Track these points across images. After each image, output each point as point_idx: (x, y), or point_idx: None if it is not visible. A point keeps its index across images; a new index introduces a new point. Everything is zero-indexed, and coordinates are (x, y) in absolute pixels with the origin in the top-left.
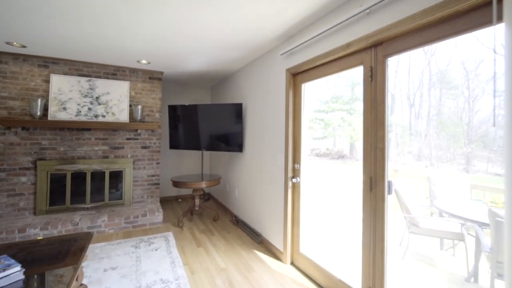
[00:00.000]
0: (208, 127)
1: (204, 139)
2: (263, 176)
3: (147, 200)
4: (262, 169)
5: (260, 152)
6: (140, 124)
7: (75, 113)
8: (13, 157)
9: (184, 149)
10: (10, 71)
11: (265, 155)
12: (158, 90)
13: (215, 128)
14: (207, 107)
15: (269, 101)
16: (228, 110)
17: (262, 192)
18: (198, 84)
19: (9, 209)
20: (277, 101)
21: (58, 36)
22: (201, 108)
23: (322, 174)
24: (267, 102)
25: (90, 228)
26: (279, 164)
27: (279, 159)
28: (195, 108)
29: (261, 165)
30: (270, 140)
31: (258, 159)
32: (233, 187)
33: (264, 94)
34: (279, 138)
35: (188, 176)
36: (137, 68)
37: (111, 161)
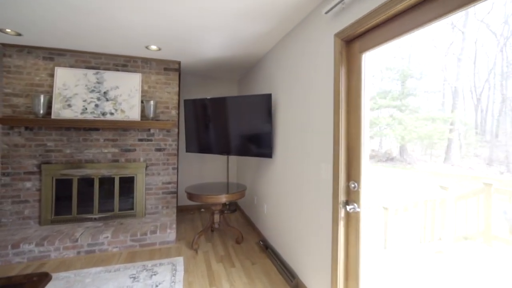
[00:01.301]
0: (231, 126)
1: (228, 141)
2: (300, 194)
3: (162, 211)
4: (299, 183)
5: (296, 160)
6: (153, 123)
7: (81, 111)
8: (18, 160)
9: (202, 152)
10: (14, 65)
11: (302, 163)
12: (175, 83)
13: (239, 127)
14: (228, 101)
15: (308, 88)
16: (254, 104)
17: (300, 215)
18: (222, 77)
19: (14, 217)
20: (319, 86)
21: (55, 18)
22: (219, 102)
23: (381, 182)
24: (305, 90)
25: (91, 245)
26: (324, 178)
27: (324, 172)
28: (215, 102)
29: (297, 177)
30: (310, 142)
31: (292, 168)
32: (261, 201)
33: (300, 79)
34: (324, 141)
35: (209, 186)
36: (150, 57)
37: (122, 165)
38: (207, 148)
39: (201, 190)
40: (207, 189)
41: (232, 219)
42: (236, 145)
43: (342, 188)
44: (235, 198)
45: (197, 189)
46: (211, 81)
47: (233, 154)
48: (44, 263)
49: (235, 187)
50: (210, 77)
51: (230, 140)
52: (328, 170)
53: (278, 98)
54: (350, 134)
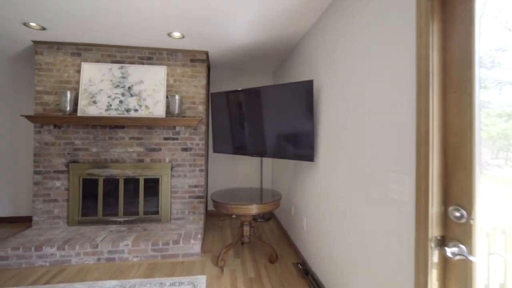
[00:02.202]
0: (265, 122)
1: (262, 140)
2: (355, 215)
3: (188, 217)
4: (353, 199)
5: (347, 165)
6: (178, 120)
7: (105, 107)
8: (48, 159)
9: (232, 153)
10: (45, 63)
11: (357, 171)
12: (202, 76)
13: (275, 123)
14: (262, 91)
15: (365, 64)
16: (291, 94)
17: (356, 245)
18: (255, 68)
19: (45, 216)
20: (383, 59)
21: (77, 9)
22: (252, 93)
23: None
24: (361, 68)
25: (111, 253)
26: (397, 197)
27: (396, 187)
28: (246, 94)
29: (350, 190)
30: (371, 141)
31: (342, 177)
32: (299, 213)
33: (351, 55)
34: (396, 138)
35: (239, 192)
36: (175, 48)
37: (146, 165)
38: (238, 148)
39: (229, 197)
40: (236, 196)
41: (266, 229)
42: (271, 145)
43: (433, 216)
44: (267, 209)
45: (225, 196)
46: (242, 74)
47: (268, 155)
48: (64, 269)
49: (269, 195)
50: (241, 69)
51: (264, 139)
52: (405, 185)
53: (322, 86)
54: (449, 127)
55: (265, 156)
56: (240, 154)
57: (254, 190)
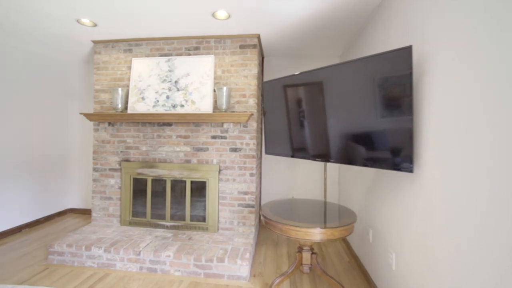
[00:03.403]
0: (333, 116)
1: (327, 140)
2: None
3: (237, 228)
4: None
5: (491, 188)
6: (226, 115)
7: (153, 104)
8: (104, 156)
9: (288, 156)
10: (102, 61)
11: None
12: (253, 64)
13: (347, 117)
14: (329, 73)
15: None
16: (371, 75)
17: None
18: (317, 52)
19: (101, 213)
20: None
21: None
22: (314, 77)
23: None
24: None
25: (153, 263)
26: None
27: None
28: (306, 80)
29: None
30: None
31: (478, 198)
32: (383, 243)
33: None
34: None
35: (297, 206)
36: (223, 34)
37: (193, 167)
38: (296, 150)
39: (284, 213)
40: (293, 212)
41: (331, 252)
42: (339, 147)
43: None
44: (336, 236)
45: (279, 210)
46: (301, 61)
47: (334, 160)
48: (108, 274)
49: (336, 214)
50: (299, 56)
51: (330, 138)
52: None
53: (431, 56)
54: None
55: (332, 161)
56: (299, 157)
57: (317, 204)
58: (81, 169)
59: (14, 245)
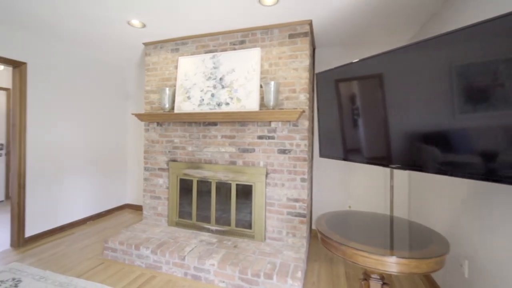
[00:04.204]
0: (401, 112)
1: (387, 140)
2: None
3: (286, 239)
4: None
5: None
6: (274, 113)
7: (198, 102)
8: (153, 156)
9: (347, 159)
10: (152, 63)
11: None
12: (304, 55)
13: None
14: (399, 57)
15: None
16: (466, 53)
17: None
18: (380, 39)
19: (151, 212)
20: None
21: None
22: (379, 65)
23: None
24: None
25: (197, 270)
26: None
27: None
28: (369, 68)
29: None
30: None
31: None
32: (491, 281)
33: None
34: None
35: (359, 222)
36: (271, 24)
37: (238, 169)
38: (349, 152)
39: (344, 230)
40: (355, 229)
41: (405, 285)
42: (404, 149)
43: None
44: (423, 270)
45: (337, 225)
46: (361, 49)
47: (396, 165)
48: (155, 276)
49: (414, 236)
50: (357, 44)
51: (392, 139)
52: None
53: None
54: None
55: (391, 166)
56: (351, 160)
57: (382, 219)
58: (137, 168)
59: (78, 236)
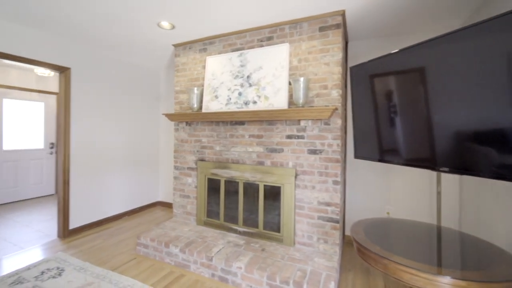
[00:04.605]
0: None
1: (442, 140)
2: None
3: (317, 245)
4: None
5: None
6: (303, 111)
7: (225, 102)
8: (183, 155)
9: (385, 161)
10: (181, 63)
11: None
12: (336, 48)
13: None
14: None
15: None
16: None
17: None
18: (424, 27)
19: (180, 210)
20: None
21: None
22: (423, 54)
23: None
24: None
25: (225, 272)
26: None
27: None
28: (411, 60)
29: None
30: None
31: None
32: None
33: None
34: None
35: (399, 229)
36: (300, 18)
37: (266, 170)
38: (392, 153)
39: (384, 240)
40: (397, 239)
41: None
42: (452, 150)
43: None
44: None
45: (376, 235)
46: (400, 41)
47: (442, 167)
48: (183, 275)
49: (470, 251)
50: (397, 34)
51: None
52: None
53: None
54: None
55: (436, 169)
56: (388, 162)
57: (427, 229)
58: (168, 166)
59: (115, 231)
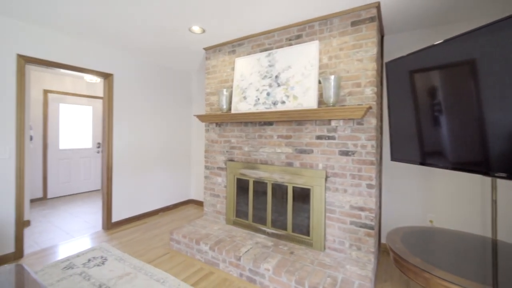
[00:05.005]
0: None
1: (498, 141)
2: None
3: (350, 251)
4: None
5: None
6: (334, 110)
7: (254, 102)
8: (213, 155)
9: (426, 164)
10: (211, 66)
11: None
12: (370, 43)
13: None
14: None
15: None
16: None
17: None
18: (472, 13)
19: (211, 209)
20: None
21: None
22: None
23: None
24: None
25: (252, 273)
26: None
27: None
28: (457, 51)
29: None
30: None
31: None
32: None
33: None
34: None
35: (444, 240)
36: (330, 13)
37: (295, 171)
38: (436, 155)
39: (426, 252)
40: (442, 252)
41: None
42: None
43: None
44: None
45: (416, 245)
46: (443, 33)
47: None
48: (213, 272)
49: None
50: (443, 24)
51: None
52: None
53: None
54: None
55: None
56: (431, 165)
57: (477, 242)
58: (200, 166)
59: (151, 225)
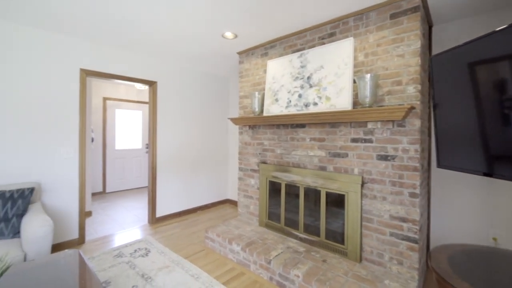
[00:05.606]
0: None
1: None
2: None
3: (389, 265)
4: None
5: None
6: (371, 112)
7: (286, 104)
8: (246, 157)
9: (480, 173)
10: (244, 69)
11: None
12: (413, 36)
13: None
14: None
15: None
16: None
17: None
18: None
19: (244, 210)
20: None
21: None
22: None
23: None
24: None
25: (282, 277)
26: None
27: None
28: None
29: None
30: None
31: None
32: None
33: None
34: None
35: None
36: (366, 7)
37: (328, 175)
38: (495, 163)
39: (481, 279)
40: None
41: None
42: None
43: None
44: None
45: (467, 269)
46: (502, 19)
47: None
48: (243, 273)
49: None
50: (504, 7)
51: None
52: None
53: None
54: None
55: None
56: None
57: None
58: (236, 167)
59: (189, 222)
